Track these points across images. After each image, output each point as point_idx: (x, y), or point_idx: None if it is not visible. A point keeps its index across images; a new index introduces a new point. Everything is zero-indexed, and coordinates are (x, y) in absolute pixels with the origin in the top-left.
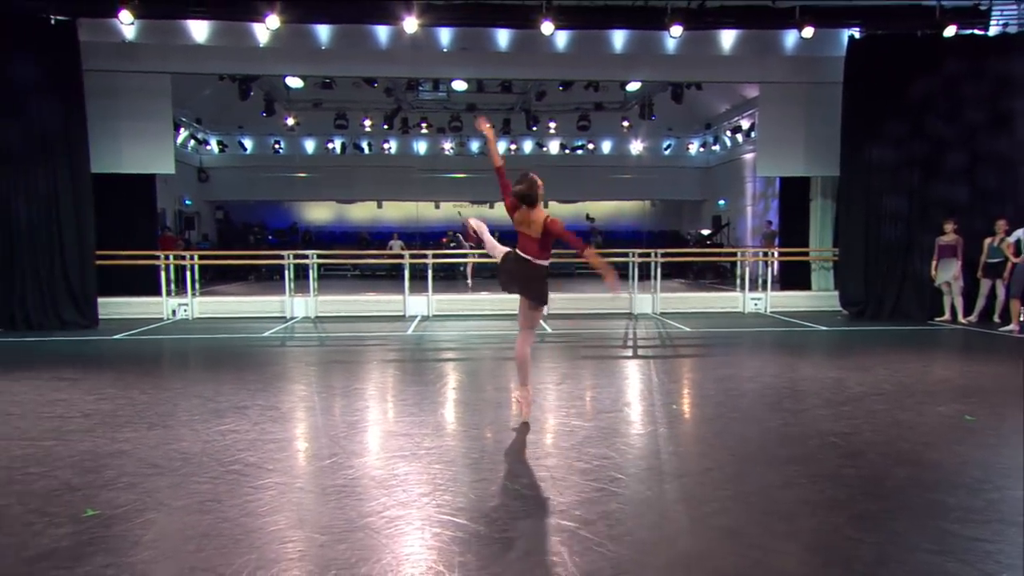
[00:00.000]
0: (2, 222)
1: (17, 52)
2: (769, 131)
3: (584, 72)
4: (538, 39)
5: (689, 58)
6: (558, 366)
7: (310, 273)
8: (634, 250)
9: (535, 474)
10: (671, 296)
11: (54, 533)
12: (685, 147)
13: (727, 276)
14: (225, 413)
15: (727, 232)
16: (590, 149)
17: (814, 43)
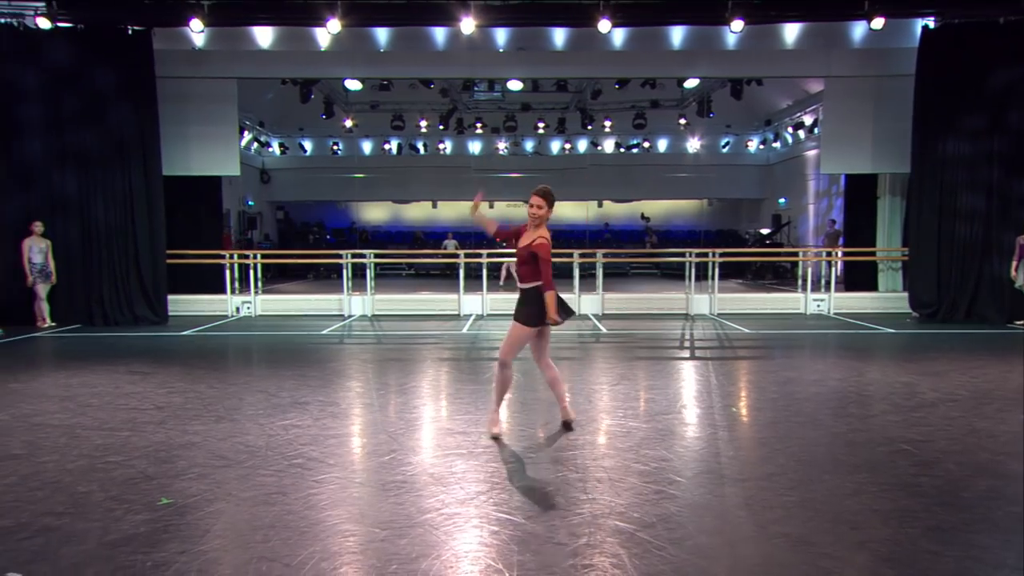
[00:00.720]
0: (82, 222)
1: (98, 62)
2: (834, 127)
3: (641, 69)
4: (595, 37)
5: (750, 53)
6: (614, 367)
7: (367, 272)
8: (691, 250)
9: (592, 475)
10: (729, 297)
11: (132, 519)
12: (744, 144)
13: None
14: (287, 408)
15: (788, 231)
16: (646, 147)
17: (884, 34)
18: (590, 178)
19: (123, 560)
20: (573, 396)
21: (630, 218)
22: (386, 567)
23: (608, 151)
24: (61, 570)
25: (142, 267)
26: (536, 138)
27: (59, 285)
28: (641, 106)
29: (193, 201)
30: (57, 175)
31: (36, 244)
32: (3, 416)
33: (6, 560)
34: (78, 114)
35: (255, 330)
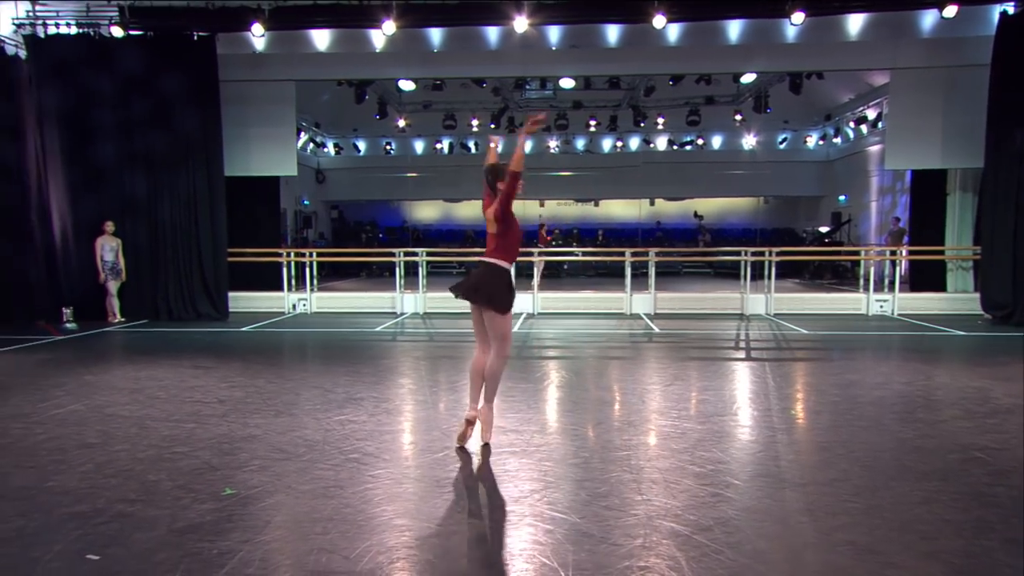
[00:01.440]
0: (149, 222)
1: (165, 68)
2: (900, 121)
3: (696, 65)
4: (649, 33)
5: (811, 46)
6: (667, 367)
7: (419, 270)
8: (747, 248)
9: (646, 476)
10: (786, 297)
11: (198, 508)
12: (802, 140)
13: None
14: (343, 404)
15: (848, 229)
16: (699, 144)
17: (955, 23)
18: (642, 176)
19: (191, 547)
20: (626, 396)
21: (683, 216)
22: (441, 562)
23: (660, 148)
24: (135, 555)
25: (204, 265)
26: (587, 136)
27: (128, 282)
28: (695, 102)
29: (252, 201)
30: (127, 177)
31: (108, 243)
32: (79, 407)
33: (84, 543)
34: (147, 118)
35: (310, 327)
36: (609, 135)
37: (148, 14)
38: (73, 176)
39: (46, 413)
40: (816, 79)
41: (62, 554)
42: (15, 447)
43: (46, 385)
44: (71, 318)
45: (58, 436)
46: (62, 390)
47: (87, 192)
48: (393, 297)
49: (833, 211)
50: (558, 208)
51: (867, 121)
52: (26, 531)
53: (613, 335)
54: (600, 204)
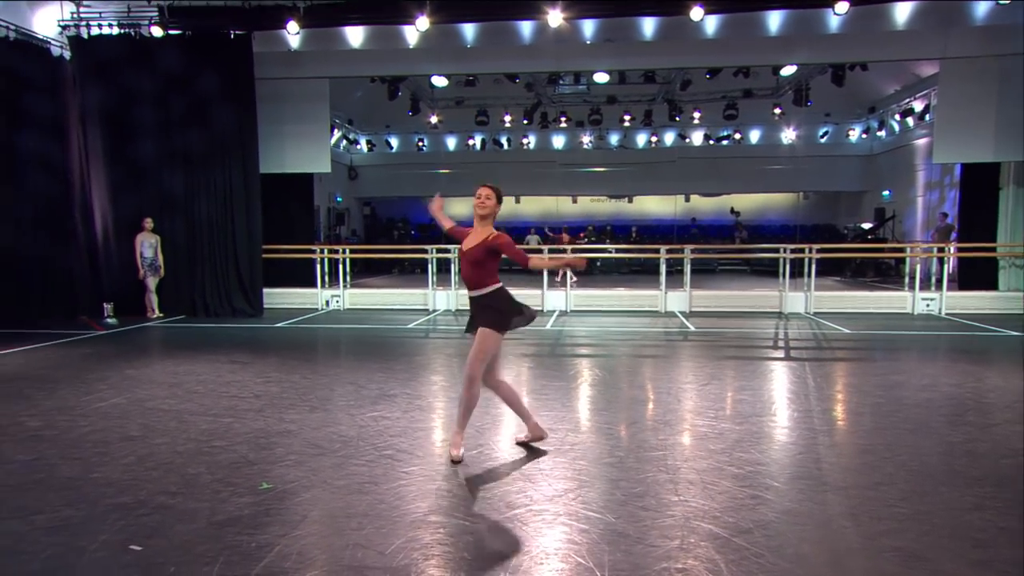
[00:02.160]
0: (187, 219)
1: (203, 66)
2: (950, 112)
3: (735, 58)
4: (686, 26)
5: (855, 36)
6: (703, 366)
7: (452, 267)
8: (786, 245)
9: (683, 476)
10: (826, 295)
11: (237, 502)
12: (845, 134)
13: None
14: (377, 400)
15: (892, 225)
16: (737, 139)
17: (1011, 9)
18: (677, 171)
19: (230, 540)
20: (660, 395)
21: (719, 212)
22: (476, 560)
23: (696, 143)
24: (176, 546)
25: (240, 262)
26: (621, 131)
27: (165, 278)
28: (733, 96)
29: (286, 198)
30: (166, 174)
31: (147, 239)
32: (121, 400)
33: (128, 534)
34: (184, 116)
35: (344, 323)
36: (644, 130)
37: (186, 13)
38: (114, 174)
39: (90, 406)
40: (860, 70)
41: (107, 544)
42: (61, 439)
43: (90, 379)
44: (112, 313)
45: (102, 429)
46: (105, 384)
47: (127, 189)
48: (425, 294)
49: (876, 207)
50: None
51: (914, 113)
52: (73, 521)
53: (647, 333)
54: (634, 200)
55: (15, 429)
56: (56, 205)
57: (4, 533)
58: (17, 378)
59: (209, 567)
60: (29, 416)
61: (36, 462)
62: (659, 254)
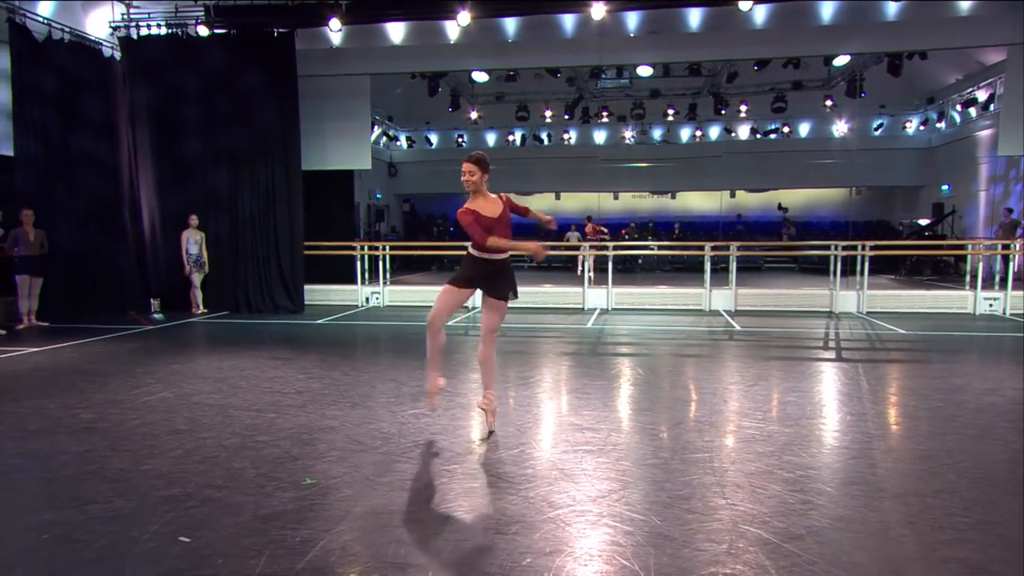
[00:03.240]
0: (231, 216)
1: (247, 64)
2: (1018, 102)
3: (784, 48)
4: (733, 16)
5: (914, 23)
6: (749, 367)
7: None
8: (837, 243)
9: (730, 479)
10: (880, 294)
11: (281, 496)
12: (901, 126)
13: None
14: (417, 397)
15: (952, 221)
16: (785, 132)
17: None
18: (722, 167)
19: (275, 534)
20: (705, 395)
21: (765, 209)
22: (520, 560)
23: (743, 137)
24: (223, 539)
25: (282, 259)
26: (665, 125)
27: (209, 274)
28: (781, 88)
29: (327, 194)
30: (210, 172)
31: (192, 236)
32: (168, 394)
33: (177, 526)
34: (229, 114)
35: (383, 320)
36: (688, 124)
37: (231, 12)
38: (161, 172)
39: (139, 400)
40: (919, 59)
41: (157, 535)
42: (113, 431)
43: (138, 373)
44: (158, 309)
45: (150, 422)
46: (152, 378)
47: (173, 187)
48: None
49: (934, 202)
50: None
51: (977, 103)
52: (125, 511)
53: (691, 332)
54: (677, 196)
55: (70, 421)
56: (106, 203)
57: (61, 522)
58: (70, 371)
59: (255, 560)
60: (82, 408)
61: (89, 453)
62: (704, 251)
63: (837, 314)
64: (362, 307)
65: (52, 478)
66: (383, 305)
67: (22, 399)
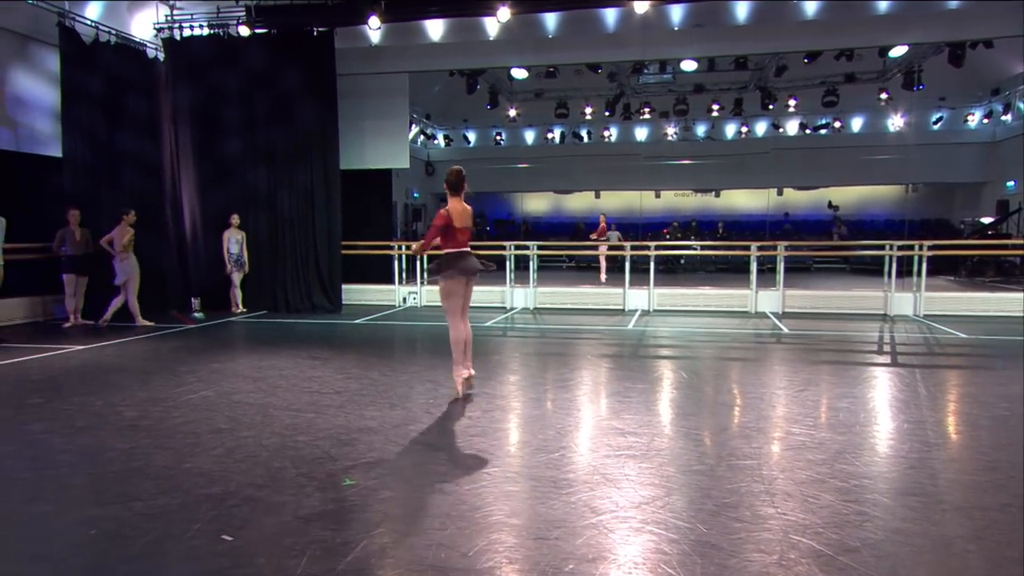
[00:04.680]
0: (270, 216)
1: (286, 64)
2: None
3: (838, 40)
4: (783, 7)
5: (979, 9)
6: (797, 371)
7: (530, 264)
8: (892, 242)
9: (780, 488)
10: (939, 296)
11: (321, 497)
12: (962, 119)
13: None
14: (456, 399)
15: (1018, 219)
16: (836, 128)
17: None
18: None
19: (315, 535)
20: (751, 400)
21: (814, 207)
22: (562, 566)
23: (791, 133)
24: (265, 538)
25: (320, 258)
26: (709, 121)
27: (248, 274)
28: (833, 81)
29: (365, 194)
30: (250, 171)
31: (234, 235)
32: (209, 393)
33: (219, 524)
34: (269, 114)
35: (421, 320)
36: (733, 120)
37: (272, 12)
38: (202, 171)
39: (181, 398)
40: (983, 48)
41: (200, 533)
42: (156, 429)
43: (180, 371)
44: (199, 308)
45: (192, 420)
46: (194, 376)
47: (214, 186)
48: (503, 291)
49: (999, 199)
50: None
51: None
52: (169, 509)
53: (736, 335)
54: (721, 195)
55: (114, 418)
56: (149, 202)
57: (108, 518)
58: (114, 369)
59: (296, 560)
60: (126, 406)
61: (133, 451)
62: (750, 251)
63: (892, 317)
64: (399, 307)
65: (98, 474)
66: (420, 305)
67: (69, 396)
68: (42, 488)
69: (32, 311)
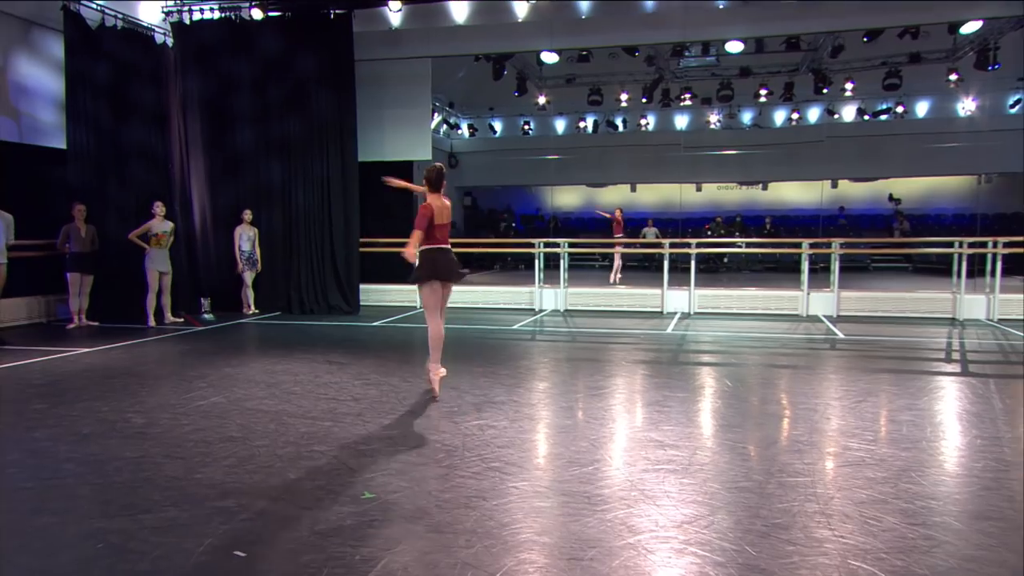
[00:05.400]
0: (284, 212)
1: (302, 49)
2: None
3: (903, 16)
4: None
5: None
6: (855, 380)
7: (560, 263)
8: (962, 239)
9: (836, 508)
10: (1015, 298)
11: (339, 511)
12: None
13: None
14: (482, 407)
15: None
16: (898, 113)
17: None
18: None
19: (334, 551)
20: (803, 412)
21: (873, 200)
22: None
23: (848, 119)
24: (280, 554)
25: (337, 256)
26: (756, 108)
27: (261, 273)
28: (895, 62)
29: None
30: (263, 164)
31: (245, 232)
32: (220, 399)
33: (231, 539)
34: (283, 102)
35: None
36: (783, 106)
37: None
38: (212, 163)
39: (191, 404)
40: None
41: (212, 548)
42: (165, 437)
43: (190, 376)
44: (209, 308)
45: (203, 428)
46: (204, 381)
47: (225, 179)
48: (531, 292)
49: None
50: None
51: None
52: (179, 522)
53: (785, 340)
54: (769, 187)
55: (122, 425)
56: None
57: (116, 531)
58: (121, 373)
59: None
60: (134, 413)
61: (142, 459)
62: (801, 249)
63: (962, 321)
64: (420, 308)
65: (105, 484)
66: None
67: (74, 402)
68: (46, 499)
69: (34, 312)
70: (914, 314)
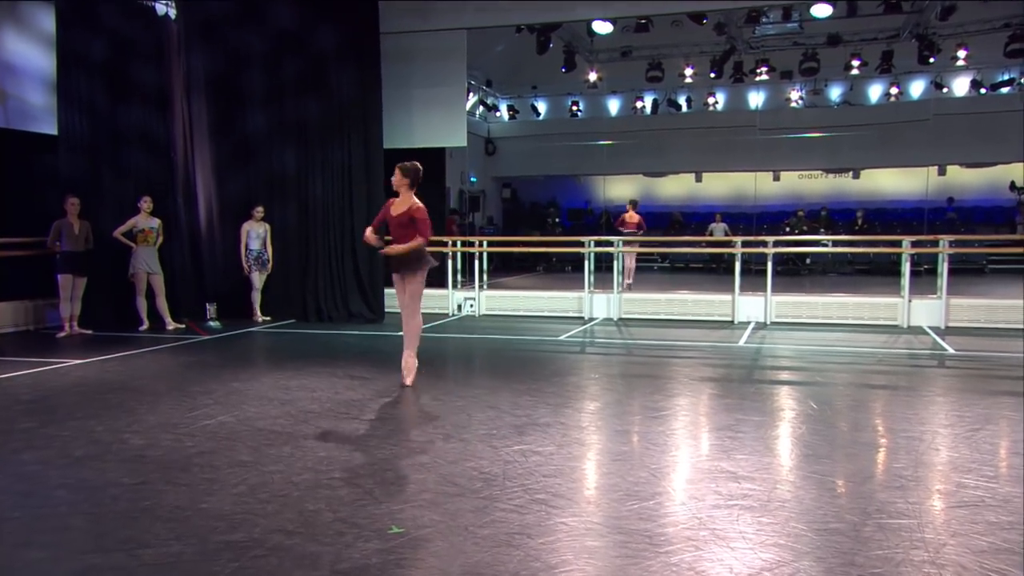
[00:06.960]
0: (300, 204)
1: (320, 21)
2: None
3: None
4: None
5: None
6: (969, 404)
7: (614, 264)
8: None
9: (950, 557)
10: None
11: (363, 547)
12: None
13: None
14: (525, 430)
15: None
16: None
17: None
18: (929, 135)
19: None
20: (905, 441)
21: (991, 190)
22: None
23: (959, 94)
24: None
25: (359, 257)
26: (847, 82)
27: (274, 275)
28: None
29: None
30: (276, 151)
31: (255, 229)
32: (229, 418)
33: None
34: (300, 81)
35: (480, 332)
36: (880, 79)
37: None
38: (220, 150)
39: (196, 424)
40: None
41: None
42: (167, 461)
43: (194, 391)
44: (215, 315)
45: (209, 451)
46: (210, 398)
47: (233, 169)
48: (580, 298)
49: None
50: (800, 182)
51: None
52: (183, 557)
53: (882, 355)
54: (861, 175)
55: (119, 447)
56: (157, 186)
57: (111, 568)
58: (118, 388)
59: None
60: (132, 433)
61: (141, 486)
62: (900, 248)
63: None
64: (454, 316)
65: (101, 515)
66: (479, 314)
67: (66, 420)
68: (35, 530)
69: (21, 318)
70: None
